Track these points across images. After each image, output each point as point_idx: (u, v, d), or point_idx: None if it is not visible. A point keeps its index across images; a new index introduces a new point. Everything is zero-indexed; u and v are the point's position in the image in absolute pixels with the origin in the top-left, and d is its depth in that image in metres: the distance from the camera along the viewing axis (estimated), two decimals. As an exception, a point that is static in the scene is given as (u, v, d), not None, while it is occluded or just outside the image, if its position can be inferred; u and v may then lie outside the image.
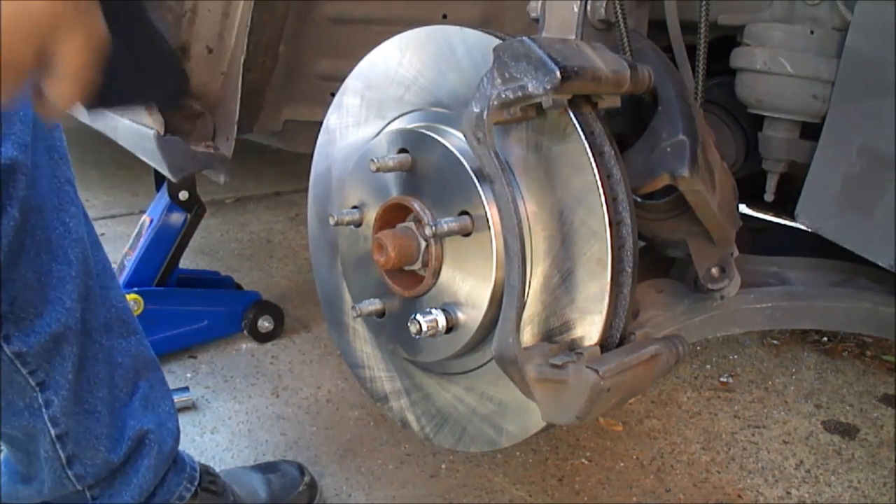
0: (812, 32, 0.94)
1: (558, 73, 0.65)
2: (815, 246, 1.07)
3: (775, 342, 1.97)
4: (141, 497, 1.04)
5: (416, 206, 0.84)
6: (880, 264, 0.84)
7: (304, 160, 1.15)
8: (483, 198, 0.78)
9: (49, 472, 0.96)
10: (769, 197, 1.05)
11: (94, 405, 0.98)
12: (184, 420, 1.52)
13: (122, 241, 1.83)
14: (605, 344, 0.74)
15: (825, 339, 1.98)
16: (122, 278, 1.68)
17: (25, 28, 0.58)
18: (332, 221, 0.92)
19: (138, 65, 0.80)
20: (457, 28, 0.84)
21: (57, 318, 0.90)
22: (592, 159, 0.71)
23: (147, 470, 1.04)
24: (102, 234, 1.05)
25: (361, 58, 0.96)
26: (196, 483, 1.12)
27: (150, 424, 1.05)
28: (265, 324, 1.83)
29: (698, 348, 1.91)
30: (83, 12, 0.61)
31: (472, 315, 0.81)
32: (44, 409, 0.92)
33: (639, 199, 0.88)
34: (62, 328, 0.91)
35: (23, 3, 0.58)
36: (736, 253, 0.90)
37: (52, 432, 0.93)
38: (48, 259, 0.90)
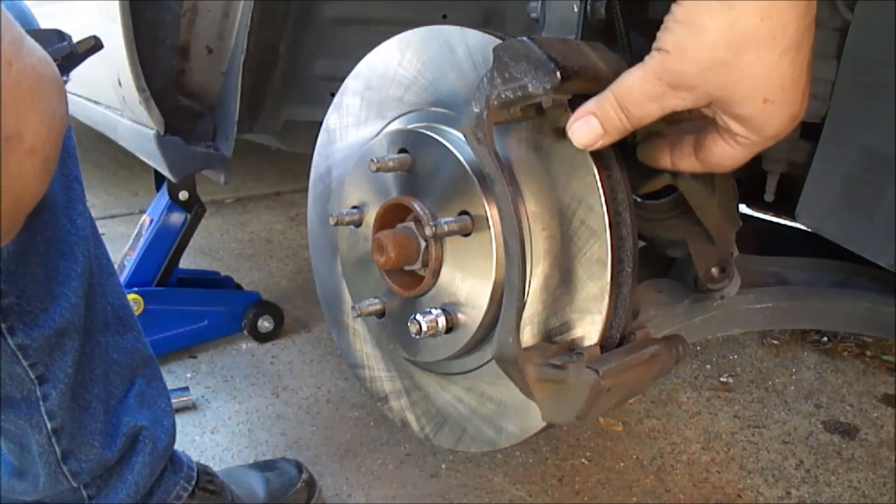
0: (812, 32, 0.94)
1: (558, 73, 0.65)
2: (815, 246, 1.06)
3: (775, 342, 1.97)
4: (137, 495, 1.04)
5: (416, 206, 0.84)
6: (880, 264, 0.84)
7: (304, 160, 1.15)
8: (483, 198, 0.78)
9: (44, 467, 0.97)
10: (769, 197, 1.05)
11: (89, 401, 0.98)
12: (184, 420, 1.52)
13: (122, 241, 1.83)
14: (605, 344, 0.74)
15: (825, 339, 1.98)
16: (122, 278, 1.68)
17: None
18: (332, 221, 0.92)
19: None
20: (457, 28, 0.84)
21: (61, 314, 0.91)
22: (592, 159, 0.71)
23: (142, 467, 1.04)
24: (102, 234, 1.05)
25: (361, 58, 0.96)
26: (194, 482, 1.12)
27: (144, 421, 1.05)
28: (265, 324, 1.83)
29: (698, 348, 1.91)
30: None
31: (472, 315, 0.81)
32: (41, 403, 0.93)
33: (639, 200, 0.88)
34: (66, 323, 0.92)
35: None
36: (736, 253, 0.90)
37: (49, 426, 0.94)
38: (56, 255, 0.90)
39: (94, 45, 0.78)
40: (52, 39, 0.76)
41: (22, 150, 0.61)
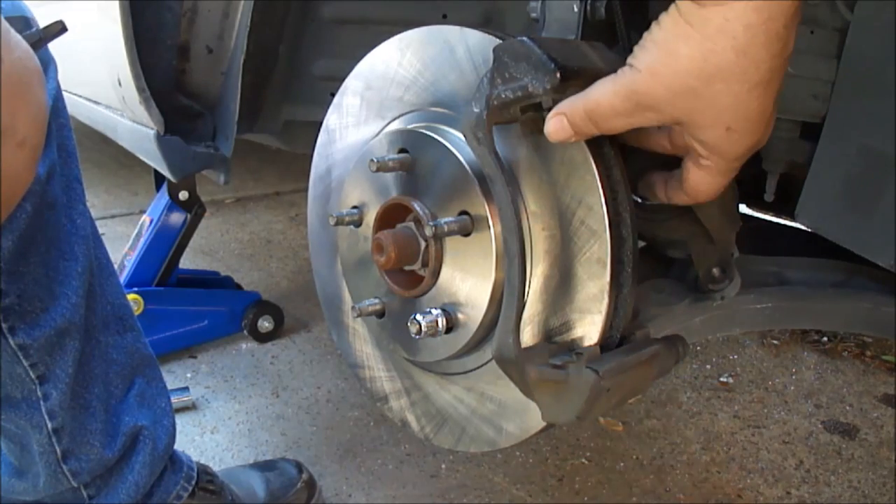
0: (812, 32, 0.94)
1: (558, 73, 0.65)
2: (815, 246, 1.06)
3: (775, 342, 1.97)
4: (137, 495, 1.04)
5: (416, 206, 0.84)
6: (880, 264, 0.84)
7: (304, 160, 1.15)
8: (483, 198, 0.78)
9: (44, 467, 0.97)
10: (769, 197, 1.05)
11: (89, 401, 0.98)
12: (184, 420, 1.52)
13: (122, 241, 1.83)
14: (605, 344, 0.74)
15: (825, 339, 1.98)
16: (122, 278, 1.68)
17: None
18: (332, 221, 0.92)
19: None
20: (457, 28, 0.84)
21: (62, 314, 0.91)
22: (592, 159, 0.71)
23: (142, 467, 1.04)
24: (102, 234, 1.06)
25: (361, 58, 0.96)
26: (194, 482, 1.12)
27: (144, 421, 1.05)
28: (265, 324, 1.83)
29: (698, 348, 1.91)
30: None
31: (472, 315, 0.81)
32: (42, 402, 0.93)
33: (639, 200, 0.88)
34: (66, 323, 0.92)
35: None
36: (736, 254, 0.90)
37: (49, 425, 0.94)
38: (57, 255, 0.91)
39: (60, 29, 0.78)
40: (21, 27, 0.77)
41: (14, 143, 0.62)
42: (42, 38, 0.76)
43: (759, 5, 0.55)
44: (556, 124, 0.67)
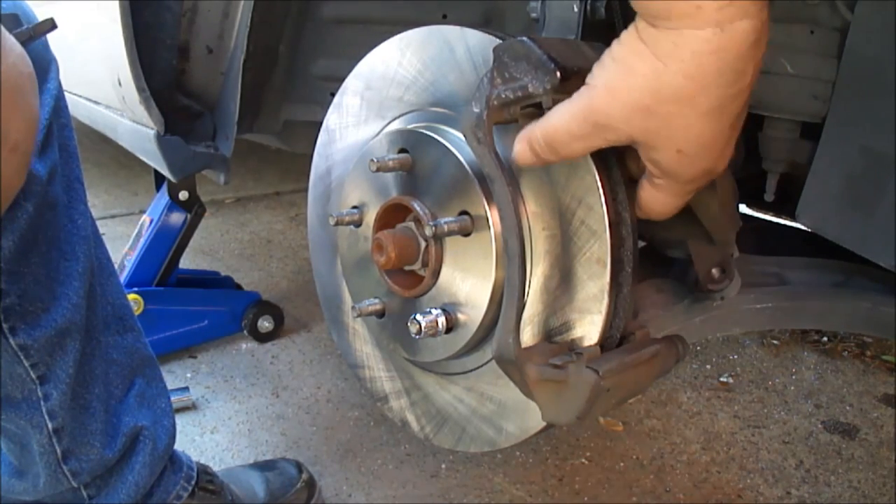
0: (812, 32, 0.94)
1: (558, 73, 0.65)
2: (815, 246, 1.06)
3: (775, 342, 1.97)
4: (137, 495, 1.04)
5: (416, 206, 0.84)
6: (880, 264, 0.84)
7: (304, 160, 1.15)
8: (483, 198, 0.78)
9: (44, 467, 0.97)
10: (769, 197, 1.05)
11: (89, 401, 0.98)
12: (184, 420, 1.52)
13: (122, 241, 1.83)
14: (605, 344, 0.74)
15: (825, 339, 1.98)
16: (122, 278, 1.68)
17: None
18: (332, 221, 0.92)
19: None
20: (457, 28, 0.84)
21: (63, 314, 0.91)
22: (592, 159, 0.71)
23: (143, 467, 1.04)
24: (103, 234, 1.05)
25: (361, 58, 0.96)
26: (193, 482, 1.12)
27: (144, 421, 1.05)
28: (265, 324, 1.83)
29: (698, 348, 1.91)
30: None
31: (472, 315, 0.81)
32: (42, 403, 0.93)
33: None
34: (67, 323, 0.92)
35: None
36: (737, 254, 0.90)
37: (50, 426, 0.94)
38: (57, 255, 0.91)
39: (50, 26, 0.79)
40: (11, 24, 0.77)
41: (7, 149, 0.62)
42: (32, 35, 0.76)
43: (709, 36, 0.54)
44: (520, 150, 0.68)
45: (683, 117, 0.58)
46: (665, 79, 0.57)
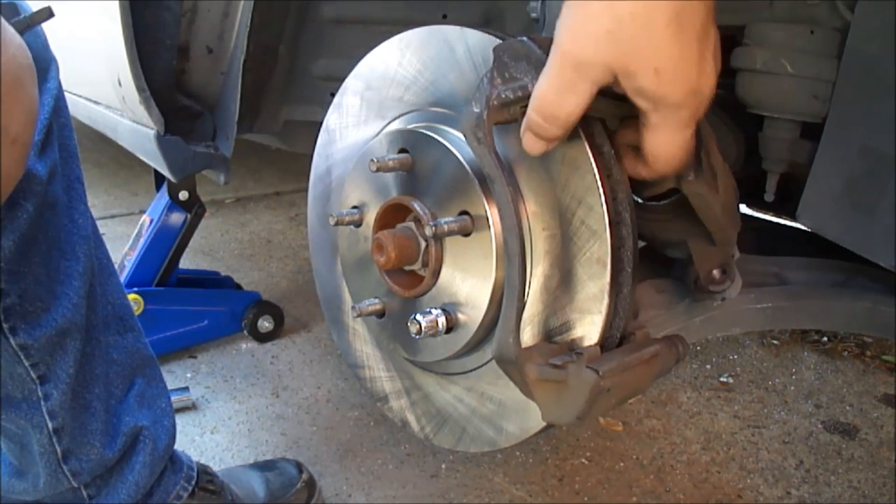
0: (812, 32, 0.94)
1: None
2: (815, 246, 1.06)
3: (775, 342, 1.97)
4: (137, 495, 1.04)
5: (416, 206, 0.84)
6: (881, 264, 0.84)
7: (304, 160, 1.15)
8: (483, 198, 0.78)
9: (44, 467, 0.96)
10: (769, 197, 1.05)
11: (89, 401, 0.98)
12: (184, 420, 1.52)
13: (122, 241, 1.83)
14: (605, 344, 0.74)
15: (825, 339, 1.98)
16: (122, 278, 1.68)
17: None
18: (332, 221, 0.92)
19: None
20: (457, 28, 0.84)
21: (63, 314, 0.91)
22: (592, 159, 0.71)
23: (143, 467, 1.04)
24: (103, 234, 1.05)
25: (361, 58, 0.96)
26: (194, 482, 1.12)
27: (145, 421, 1.05)
28: (265, 324, 1.83)
29: (698, 348, 1.91)
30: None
31: (472, 315, 0.81)
32: (42, 402, 0.93)
33: (639, 201, 0.88)
34: (67, 323, 0.92)
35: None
36: (737, 255, 0.90)
37: (50, 425, 0.94)
38: (57, 255, 0.90)
39: (47, 15, 0.79)
40: (9, 14, 0.77)
41: (7, 141, 0.62)
42: (29, 24, 0.76)
43: None
44: (526, 140, 0.69)
45: (647, 35, 0.60)
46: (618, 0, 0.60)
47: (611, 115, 0.72)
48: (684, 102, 0.65)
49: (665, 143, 0.68)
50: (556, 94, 0.65)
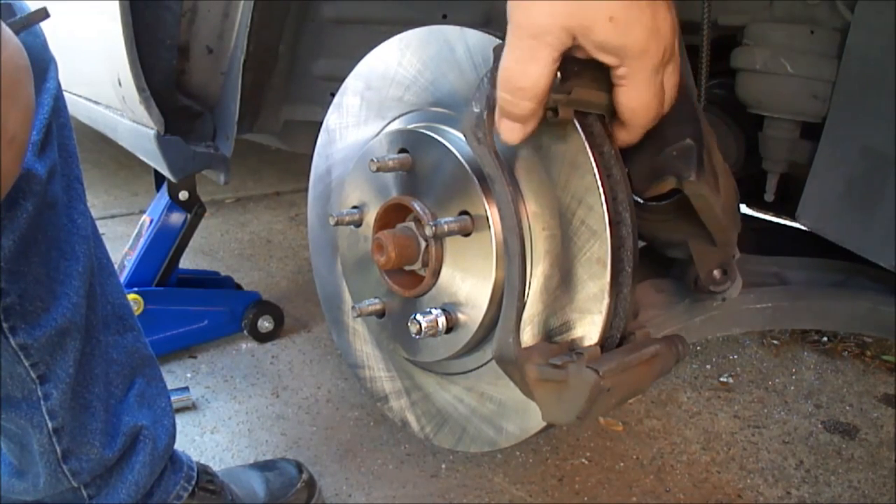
0: (812, 32, 0.94)
1: (558, 73, 0.65)
2: (815, 246, 1.06)
3: (775, 342, 1.97)
4: (137, 495, 1.04)
5: (416, 206, 0.84)
6: (880, 264, 0.84)
7: (304, 160, 1.15)
8: (483, 198, 0.78)
9: (44, 467, 0.96)
10: (769, 197, 1.05)
11: (89, 400, 0.98)
12: (184, 420, 1.52)
13: (122, 241, 1.83)
14: (605, 344, 0.74)
15: (825, 339, 1.98)
16: (122, 278, 1.68)
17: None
18: (332, 221, 0.92)
19: None
20: (457, 28, 0.84)
21: (63, 314, 0.91)
22: (592, 159, 0.71)
23: (142, 467, 1.04)
24: (102, 234, 1.05)
25: (361, 58, 0.96)
26: (194, 482, 1.12)
27: (144, 421, 1.05)
28: (265, 324, 1.83)
29: (698, 348, 1.91)
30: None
31: (472, 315, 0.81)
32: (42, 402, 0.93)
33: (640, 201, 0.88)
34: (67, 323, 0.92)
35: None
36: (738, 255, 0.90)
37: (50, 425, 0.94)
38: (57, 255, 0.90)
39: (43, 15, 0.79)
40: (5, 14, 0.77)
41: (5, 141, 0.62)
42: (26, 24, 0.77)
43: None
44: (504, 128, 0.69)
45: None
46: None
47: (598, 106, 0.71)
48: (647, 47, 0.64)
49: (637, 95, 0.68)
50: (518, 65, 0.65)
